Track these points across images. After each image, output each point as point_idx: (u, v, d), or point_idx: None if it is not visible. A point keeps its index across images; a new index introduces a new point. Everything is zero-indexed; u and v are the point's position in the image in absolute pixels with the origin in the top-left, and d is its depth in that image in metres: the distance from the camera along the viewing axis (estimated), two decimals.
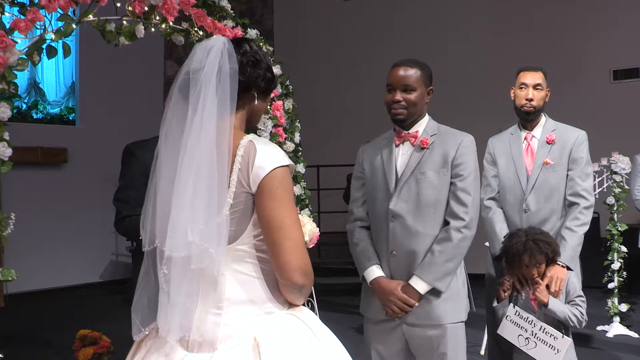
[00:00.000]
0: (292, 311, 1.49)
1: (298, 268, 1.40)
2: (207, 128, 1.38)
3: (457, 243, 2.12)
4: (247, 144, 1.43)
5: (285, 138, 3.24)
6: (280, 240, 1.40)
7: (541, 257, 2.52)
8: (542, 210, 2.73)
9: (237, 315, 1.42)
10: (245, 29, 3.06)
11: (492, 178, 2.87)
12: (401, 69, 2.19)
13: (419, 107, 2.20)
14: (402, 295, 2.14)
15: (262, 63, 1.52)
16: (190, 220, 1.35)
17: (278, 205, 1.40)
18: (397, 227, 2.19)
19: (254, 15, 8.79)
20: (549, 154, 2.76)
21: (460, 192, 2.15)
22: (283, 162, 1.42)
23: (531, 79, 2.77)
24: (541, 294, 2.49)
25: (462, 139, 2.20)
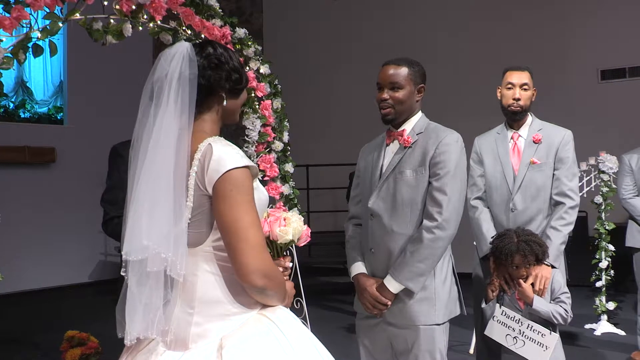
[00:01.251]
0: (263, 311, 1.49)
1: (256, 270, 1.40)
2: (166, 134, 1.41)
3: (427, 243, 2.07)
4: (206, 147, 1.44)
5: (274, 137, 3.24)
6: (235, 243, 1.40)
7: (532, 258, 2.54)
8: (529, 209, 2.75)
9: (207, 315, 1.45)
10: (234, 28, 3.05)
11: (479, 177, 2.89)
12: (390, 67, 2.18)
13: (407, 105, 2.19)
14: (374, 293, 2.14)
15: (225, 65, 1.53)
16: (147, 225, 1.37)
17: (232, 208, 1.40)
18: (375, 225, 2.19)
19: (243, 14, 8.76)
20: (536, 154, 2.77)
21: (436, 191, 2.09)
22: (238, 164, 1.42)
23: (518, 78, 2.78)
24: (525, 294, 2.51)
25: (444, 137, 2.14)
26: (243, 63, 3.11)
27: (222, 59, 1.53)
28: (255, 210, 1.46)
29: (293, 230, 1.69)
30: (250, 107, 3.12)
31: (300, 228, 1.71)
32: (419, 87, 2.22)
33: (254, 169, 1.50)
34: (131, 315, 1.40)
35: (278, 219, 1.71)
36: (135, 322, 1.40)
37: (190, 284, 1.47)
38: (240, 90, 1.59)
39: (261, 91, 3.14)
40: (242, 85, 1.59)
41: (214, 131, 1.55)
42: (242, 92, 1.60)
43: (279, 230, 1.67)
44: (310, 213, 7.65)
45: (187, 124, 1.45)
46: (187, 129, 1.45)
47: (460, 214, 2.15)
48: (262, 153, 3.19)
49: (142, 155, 1.43)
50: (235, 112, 1.61)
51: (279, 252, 1.75)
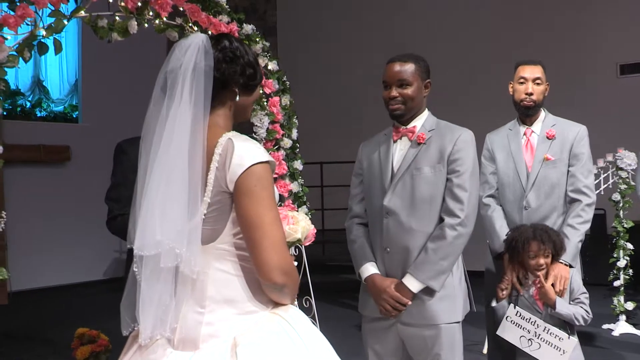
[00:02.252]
0: (276, 310, 1.46)
1: (277, 267, 1.38)
2: (180, 127, 1.39)
3: (451, 241, 2.06)
4: (226, 141, 1.41)
5: (283, 134, 3.21)
6: (258, 239, 1.38)
7: (550, 246, 2.49)
8: (543, 207, 2.67)
9: (219, 315, 1.42)
10: (241, 24, 3.02)
11: (491, 175, 2.82)
12: (396, 64, 2.16)
13: (417, 101, 2.17)
14: (394, 293, 2.10)
15: (240, 59, 1.50)
16: (160, 220, 1.35)
17: (256, 204, 1.38)
18: (391, 223, 2.15)
19: (256, 11, 8.75)
20: (549, 150, 2.70)
21: (457, 188, 2.09)
22: (261, 159, 1.40)
23: (530, 72, 2.71)
24: (547, 295, 2.45)
25: (460, 134, 2.14)
26: None
27: (237, 52, 1.50)
28: (276, 206, 1.44)
29: (302, 228, 1.67)
30: (258, 104, 3.09)
31: (308, 227, 1.70)
32: (425, 82, 2.20)
33: (273, 164, 1.48)
34: (144, 312, 1.38)
35: (286, 217, 1.68)
36: (148, 320, 1.38)
37: (200, 282, 1.44)
38: (254, 86, 1.56)
39: (269, 88, 3.11)
40: (257, 81, 1.56)
41: (228, 127, 1.52)
42: (255, 89, 1.57)
43: (289, 228, 1.66)
44: (324, 211, 7.61)
45: (202, 117, 1.42)
46: (202, 121, 1.42)
47: (476, 211, 2.15)
48: (271, 150, 3.16)
49: (154, 148, 1.40)
50: (248, 109, 1.59)
51: None
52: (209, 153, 1.41)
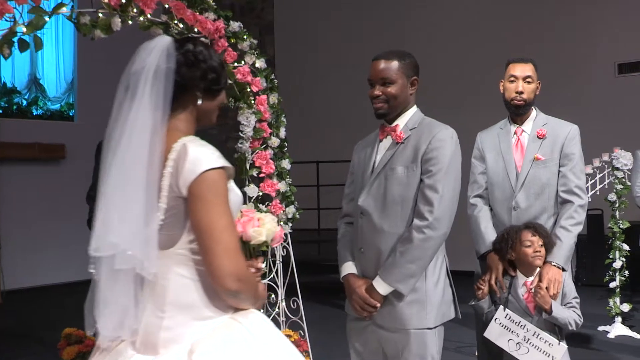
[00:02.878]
0: (236, 315, 1.46)
1: (230, 274, 1.37)
2: (139, 129, 1.39)
3: (418, 244, 1.99)
4: (181, 147, 1.40)
5: (270, 133, 3.16)
6: (210, 246, 1.38)
7: (543, 237, 2.47)
8: (532, 207, 2.63)
9: (178, 320, 1.41)
10: (228, 21, 2.98)
11: (480, 175, 2.78)
12: (380, 62, 2.11)
13: (401, 99, 2.12)
14: (363, 294, 2.08)
15: (202, 63, 1.49)
16: (116, 222, 1.35)
17: (208, 210, 1.37)
18: (365, 224, 2.12)
19: (254, 9, 8.70)
20: (540, 149, 2.65)
21: (427, 189, 2.01)
22: (215, 165, 1.39)
23: (521, 71, 2.66)
24: (543, 300, 2.40)
25: (437, 132, 2.06)
26: (237, 57, 3.04)
27: (199, 56, 1.49)
28: (230, 212, 1.43)
29: (267, 231, 1.63)
30: (245, 102, 3.05)
31: (274, 229, 1.65)
32: (411, 79, 2.14)
33: (229, 169, 1.46)
34: (103, 313, 1.38)
35: (252, 220, 1.65)
36: (107, 321, 1.38)
37: (161, 287, 1.44)
38: (217, 91, 1.55)
39: (256, 86, 3.07)
40: (220, 85, 1.55)
41: (189, 131, 1.51)
42: (219, 93, 1.56)
43: (253, 230, 1.62)
44: (320, 210, 7.57)
45: (160, 120, 1.42)
46: (160, 124, 1.42)
47: (453, 212, 2.07)
48: (258, 149, 3.12)
49: (113, 150, 1.40)
50: (211, 114, 1.57)
51: (252, 253, 1.70)
52: (163, 158, 1.41)
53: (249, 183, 3.11)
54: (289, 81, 8.66)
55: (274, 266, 3.24)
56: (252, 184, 3.11)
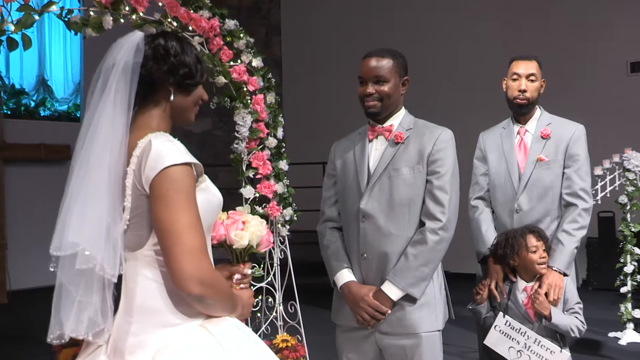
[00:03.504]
0: (206, 323, 1.39)
1: (191, 277, 1.30)
2: (103, 125, 1.36)
3: (432, 246, 1.96)
4: (146, 143, 1.35)
5: (268, 133, 3.09)
6: (170, 246, 1.31)
7: (545, 242, 2.39)
8: (535, 210, 2.54)
9: (145, 325, 1.36)
10: (223, 19, 2.91)
11: (482, 176, 2.69)
12: (372, 59, 2.06)
13: (394, 99, 2.07)
14: (373, 302, 1.99)
15: (172, 57, 1.43)
16: (77, 220, 1.32)
17: (167, 208, 1.31)
18: (368, 227, 2.04)
19: (260, 10, 8.66)
20: (544, 150, 2.56)
21: (437, 190, 1.98)
22: (177, 160, 1.33)
23: (524, 68, 2.57)
24: (542, 306, 2.32)
25: (439, 133, 2.04)
26: (234, 56, 2.98)
27: (170, 50, 1.44)
28: (195, 211, 1.35)
29: (250, 234, 1.56)
30: (241, 102, 2.98)
31: (259, 233, 1.58)
32: (403, 79, 2.09)
33: (198, 167, 1.40)
34: (65, 311, 1.34)
35: (235, 222, 1.58)
36: (68, 319, 1.34)
37: (130, 290, 1.39)
38: (190, 86, 1.48)
39: (253, 85, 3.00)
40: (194, 80, 1.48)
41: (162, 128, 1.45)
42: (193, 89, 1.49)
43: (234, 234, 1.55)
44: None
45: (125, 116, 1.38)
46: (125, 121, 1.37)
47: (457, 214, 2.04)
48: (255, 150, 3.05)
49: (78, 147, 1.38)
50: (187, 111, 1.51)
51: (238, 258, 1.63)
52: (128, 155, 1.37)
53: (245, 184, 3.04)
54: (296, 82, 8.61)
55: (272, 269, 3.17)
56: (249, 185, 3.04)
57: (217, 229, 1.55)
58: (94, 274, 1.33)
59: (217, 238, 1.56)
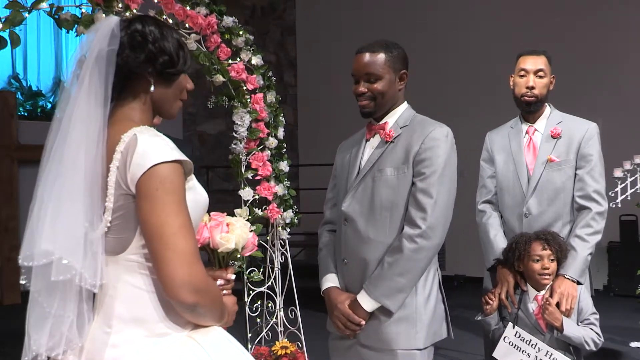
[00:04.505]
0: (193, 333, 1.29)
1: (184, 284, 1.19)
2: (77, 120, 1.24)
3: (409, 255, 1.79)
4: (130, 138, 1.23)
5: (268, 134, 3.00)
6: (160, 251, 1.20)
7: (554, 249, 2.23)
8: (545, 214, 2.39)
9: (126, 336, 1.25)
10: (221, 16, 2.83)
11: (489, 179, 2.55)
12: (363, 55, 1.91)
13: (389, 96, 1.92)
14: (346, 310, 1.88)
15: (150, 44, 1.30)
16: (50, 226, 1.20)
17: (157, 210, 1.20)
18: (349, 231, 1.92)
19: (275, 10, 8.59)
20: (554, 150, 2.41)
21: (420, 193, 1.81)
22: (167, 158, 1.21)
23: (532, 64, 2.42)
24: (553, 316, 2.18)
25: (430, 130, 1.86)
26: (232, 54, 2.89)
27: (148, 37, 1.30)
28: (186, 212, 1.24)
29: (236, 237, 1.46)
30: (240, 101, 2.90)
31: (245, 235, 1.48)
32: (400, 73, 1.94)
33: (187, 164, 1.28)
34: (37, 328, 1.22)
35: (220, 225, 1.48)
36: (41, 337, 1.22)
37: (109, 298, 1.27)
38: (172, 75, 1.35)
39: (252, 84, 2.91)
40: (176, 69, 1.35)
41: (145, 121, 1.33)
42: (175, 78, 1.36)
43: (220, 237, 1.45)
44: None
45: (102, 109, 1.26)
46: (102, 114, 1.26)
47: (448, 220, 1.86)
48: (254, 150, 2.96)
49: (49, 145, 1.26)
50: (169, 102, 1.38)
51: (221, 262, 1.53)
52: (110, 151, 1.25)
53: (244, 186, 2.95)
54: (311, 82, 8.52)
55: (272, 273, 3.08)
56: (248, 187, 2.95)
57: (200, 231, 1.46)
58: (72, 285, 1.21)
59: (201, 241, 1.47)
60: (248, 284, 2.96)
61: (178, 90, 1.39)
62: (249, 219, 2.92)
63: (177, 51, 1.34)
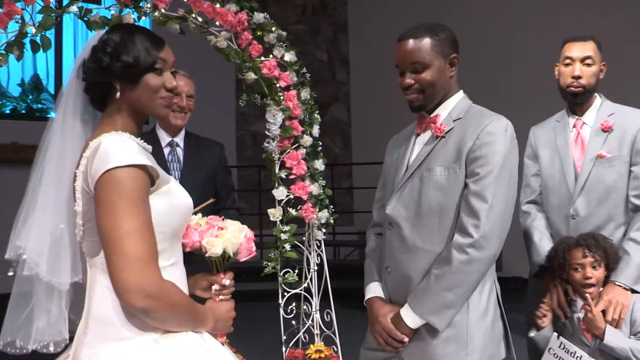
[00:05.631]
0: (161, 338, 1.27)
1: (134, 288, 1.21)
2: (56, 130, 1.34)
3: (458, 267, 1.59)
4: (97, 143, 1.27)
5: (303, 131, 2.93)
6: (109, 255, 1.22)
7: (599, 254, 2.02)
8: (595, 215, 2.18)
9: (98, 337, 1.27)
10: (252, 12, 2.78)
11: (533, 177, 2.36)
12: (407, 42, 1.71)
13: (440, 85, 1.71)
14: (388, 325, 1.71)
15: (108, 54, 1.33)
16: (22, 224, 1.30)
17: (108, 214, 1.21)
18: (394, 237, 1.75)
19: (327, 8, 8.52)
20: (605, 145, 2.20)
21: (473, 197, 1.61)
22: (123, 162, 1.22)
23: (579, 51, 2.22)
24: (592, 324, 1.98)
25: (487, 124, 1.64)
26: (265, 51, 2.84)
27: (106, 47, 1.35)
28: (143, 217, 1.24)
29: (224, 242, 1.41)
30: (273, 99, 2.84)
31: (234, 240, 1.43)
32: (450, 58, 1.73)
33: (151, 169, 1.28)
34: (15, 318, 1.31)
35: (210, 228, 1.44)
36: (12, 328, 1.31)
37: (88, 299, 1.33)
38: (135, 75, 1.35)
39: (285, 80, 2.84)
40: (136, 69, 1.34)
41: (127, 127, 1.37)
42: (140, 77, 1.36)
43: (205, 241, 1.42)
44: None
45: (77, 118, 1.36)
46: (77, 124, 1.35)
47: (506, 228, 1.65)
48: (288, 149, 2.89)
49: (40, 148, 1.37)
50: (143, 104, 1.37)
51: (219, 267, 1.49)
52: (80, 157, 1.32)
53: (278, 185, 2.89)
54: (363, 80, 8.39)
55: (309, 274, 3.01)
56: (282, 186, 2.89)
57: (190, 235, 1.43)
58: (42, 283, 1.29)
59: (191, 245, 1.44)
60: (282, 286, 2.91)
61: (149, 90, 1.37)
62: (282, 219, 2.87)
63: (139, 51, 1.34)
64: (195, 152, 2.50)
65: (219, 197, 2.57)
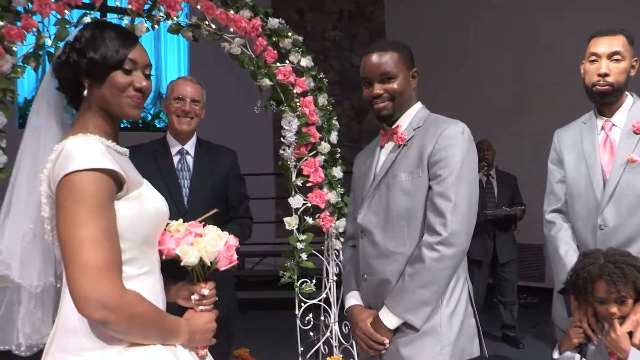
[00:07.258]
0: (124, 351, 1.21)
1: (90, 299, 1.14)
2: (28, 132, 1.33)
3: (430, 264, 1.63)
4: (62, 146, 1.23)
5: (320, 138, 2.86)
6: (66, 263, 1.17)
7: (627, 287, 1.84)
8: (625, 226, 2.01)
9: (64, 347, 1.23)
10: (267, 17, 2.75)
11: (557, 184, 2.20)
12: (374, 55, 1.79)
13: (406, 96, 1.82)
14: (368, 329, 1.74)
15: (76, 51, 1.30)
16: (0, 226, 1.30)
17: (65, 220, 1.16)
18: (367, 244, 1.81)
19: (364, 13, 8.44)
20: (637, 149, 2.02)
21: (438, 197, 1.66)
22: (81, 166, 1.17)
23: (606, 46, 2.05)
24: (615, 345, 1.81)
25: (444, 129, 1.71)
26: (281, 56, 2.80)
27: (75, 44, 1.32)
28: (102, 224, 1.17)
29: (200, 250, 1.36)
30: (289, 105, 2.78)
31: (211, 249, 1.37)
32: (412, 72, 1.82)
33: (115, 173, 1.22)
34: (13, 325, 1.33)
35: (187, 235, 1.39)
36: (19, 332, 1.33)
37: (60, 307, 1.29)
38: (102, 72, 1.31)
39: (301, 86, 2.78)
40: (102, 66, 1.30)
41: (98, 126, 1.33)
42: (106, 75, 1.31)
43: (179, 249, 1.36)
44: None
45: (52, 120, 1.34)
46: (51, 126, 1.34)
47: (471, 224, 1.67)
48: (305, 156, 2.82)
49: None
50: (109, 102, 1.33)
51: (198, 276, 1.43)
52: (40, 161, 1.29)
53: (295, 193, 2.83)
54: None
55: (327, 284, 2.93)
56: (298, 194, 2.83)
57: (166, 242, 1.37)
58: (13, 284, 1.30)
59: (166, 253, 1.39)
60: (299, 296, 2.83)
61: (115, 88, 1.33)
62: (299, 227, 2.80)
63: (106, 49, 1.30)
64: (206, 160, 2.46)
65: (230, 206, 2.52)
